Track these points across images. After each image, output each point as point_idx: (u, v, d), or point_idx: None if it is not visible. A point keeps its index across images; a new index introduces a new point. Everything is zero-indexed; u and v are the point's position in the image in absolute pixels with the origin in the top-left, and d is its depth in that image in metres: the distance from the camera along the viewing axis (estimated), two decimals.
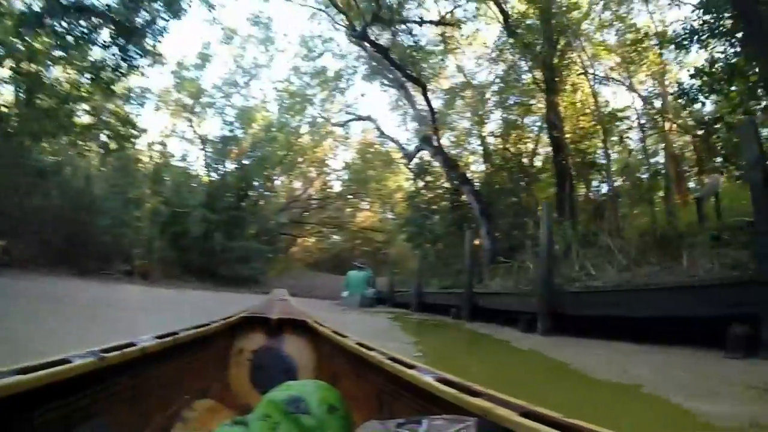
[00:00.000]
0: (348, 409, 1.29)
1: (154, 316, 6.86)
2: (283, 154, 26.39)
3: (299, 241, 33.35)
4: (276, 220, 27.28)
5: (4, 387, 0.94)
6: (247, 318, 2.44)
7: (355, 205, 33.53)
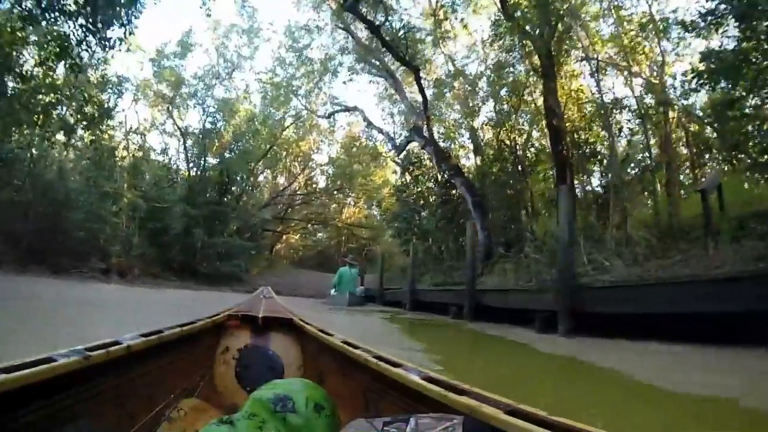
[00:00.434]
0: (334, 408, 1.29)
1: (117, 314, 6.19)
2: (267, 148, 25.49)
3: (283, 237, 32.50)
4: (259, 216, 26.45)
5: None
6: (233, 316, 2.41)
7: (341, 201, 32.74)
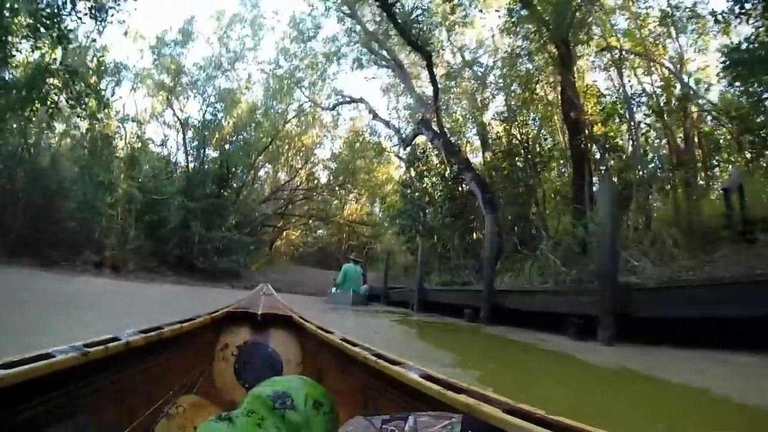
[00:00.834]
0: (333, 405, 1.26)
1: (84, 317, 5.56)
2: (268, 141, 24.86)
3: (284, 234, 31.87)
4: (259, 210, 25.88)
5: None
6: (232, 313, 2.38)
7: (343, 198, 32.08)
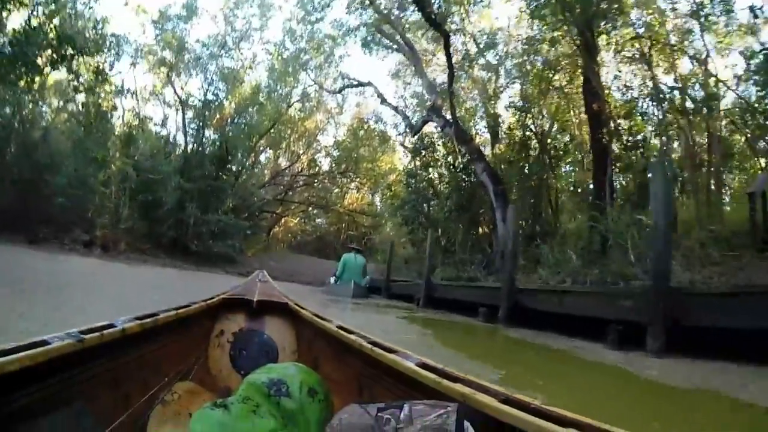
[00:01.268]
0: (328, 393, 1.28)
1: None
2: (270, 125, 24.15)
3: (282, 220, 31.22)
4: (258, 195, 25.21)
5: None
6: (228, 300, 2.34)
7: (344, 186, 31.39)
